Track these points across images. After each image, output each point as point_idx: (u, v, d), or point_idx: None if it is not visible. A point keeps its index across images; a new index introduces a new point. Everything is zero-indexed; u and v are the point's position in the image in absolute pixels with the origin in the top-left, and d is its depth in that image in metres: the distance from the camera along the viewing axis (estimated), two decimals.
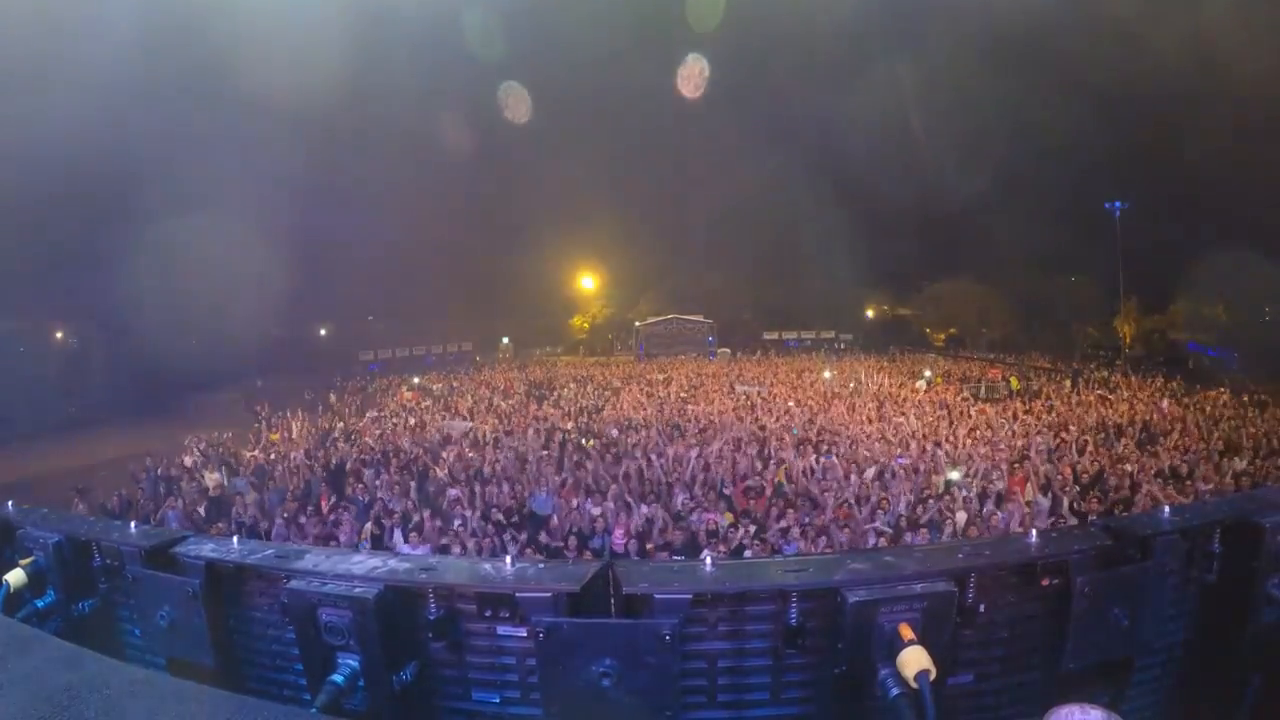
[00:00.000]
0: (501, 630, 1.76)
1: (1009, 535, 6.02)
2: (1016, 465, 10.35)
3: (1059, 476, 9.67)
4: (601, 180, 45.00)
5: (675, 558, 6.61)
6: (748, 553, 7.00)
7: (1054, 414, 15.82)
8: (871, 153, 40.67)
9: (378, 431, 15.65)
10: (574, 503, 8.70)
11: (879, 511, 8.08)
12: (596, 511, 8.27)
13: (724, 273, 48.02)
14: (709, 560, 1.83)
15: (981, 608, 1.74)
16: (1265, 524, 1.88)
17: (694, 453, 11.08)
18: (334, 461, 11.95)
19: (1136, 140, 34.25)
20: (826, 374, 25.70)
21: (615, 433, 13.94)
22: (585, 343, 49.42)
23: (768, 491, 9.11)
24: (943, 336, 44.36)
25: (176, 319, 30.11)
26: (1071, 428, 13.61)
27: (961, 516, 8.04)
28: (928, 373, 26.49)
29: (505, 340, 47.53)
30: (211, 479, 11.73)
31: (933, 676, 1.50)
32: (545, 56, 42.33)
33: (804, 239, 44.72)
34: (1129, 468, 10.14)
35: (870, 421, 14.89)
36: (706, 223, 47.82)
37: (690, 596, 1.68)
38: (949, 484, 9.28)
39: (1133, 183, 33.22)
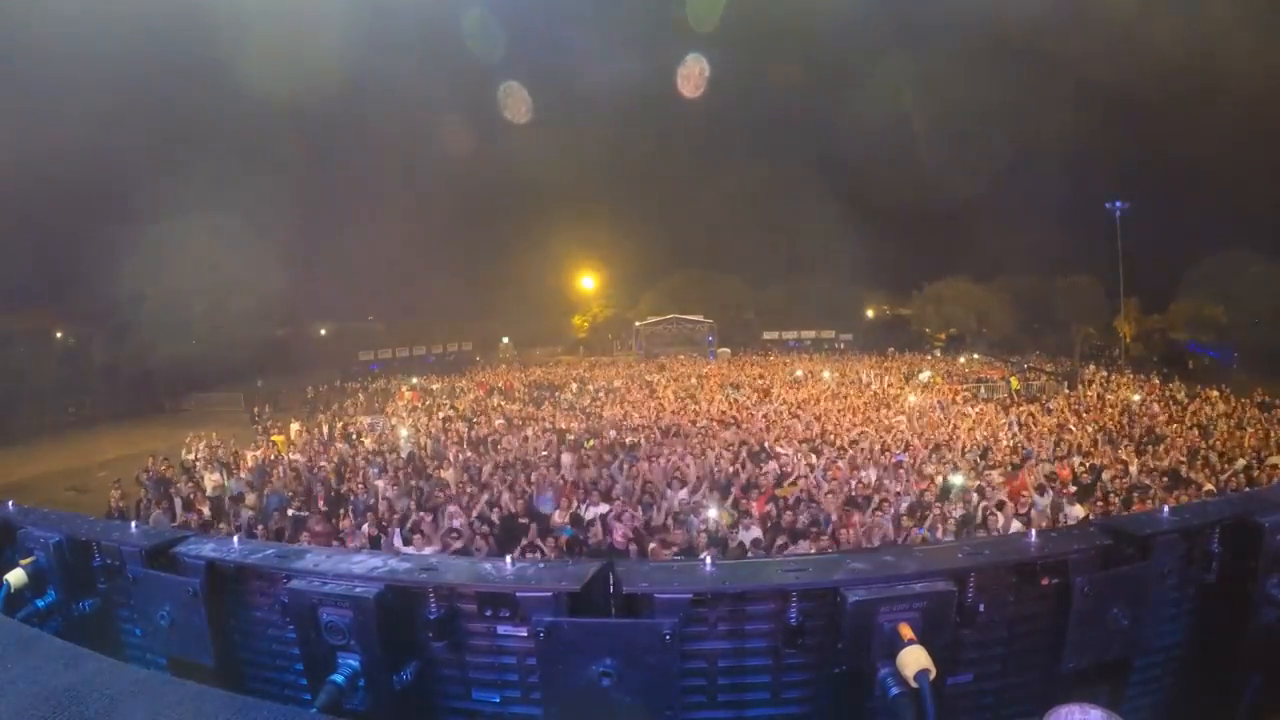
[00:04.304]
0: (502, 630, 1.76)
1: (1008, 535, 6.02)
2: (1016, 467, 10.35)
3: (1058, 478, 9.67)
4: (602, 180, 45.05)
5: (675, 557, 6.61)
6: (757, 552, 7.00)
7: (1053, 415, 15.82)
8: (872, 152, 40.69)
9: (377, 432, 15.65)
10: (574, 504, 8.71)
11: (879, 512, 8.08)
12: (596, 512, 8.28)
13: (724, 273, 48.04)
14: (709, 560, 1.84)
15: (981, 607, 1.73)
16: (1265, 524, 1.88)
17: (692, 453, 11.08)
18: (334, 462, 11.95)
19: (1136, 140, 34.26)
20: (826, 374, 25.72)
21: (614, 434, 13.94)
22: (585, 343, 49.41)
23: (767, 492, 9.11)
24: (943, 336, 44.34)
25: (177, 319, 30.13)
26: (1071, 428, 13.62)
27: (960, 516, 8.05)
28: (927, 372, 26.50)
29: (505, 340, 47.54)
30: (210, 480, 11.72)
31: (932, 676, 1.49)
32: (546, 56, 42.35)
33: (804, 238, 44.74)
34: (1131, 469, 10.15)
35: (869, 422, 14.89)
36: (707, 222, 47.83)
37: (690, 596, 1.68)
38: (949, 487, 9.27)
39: (1133, 183, 33.23)
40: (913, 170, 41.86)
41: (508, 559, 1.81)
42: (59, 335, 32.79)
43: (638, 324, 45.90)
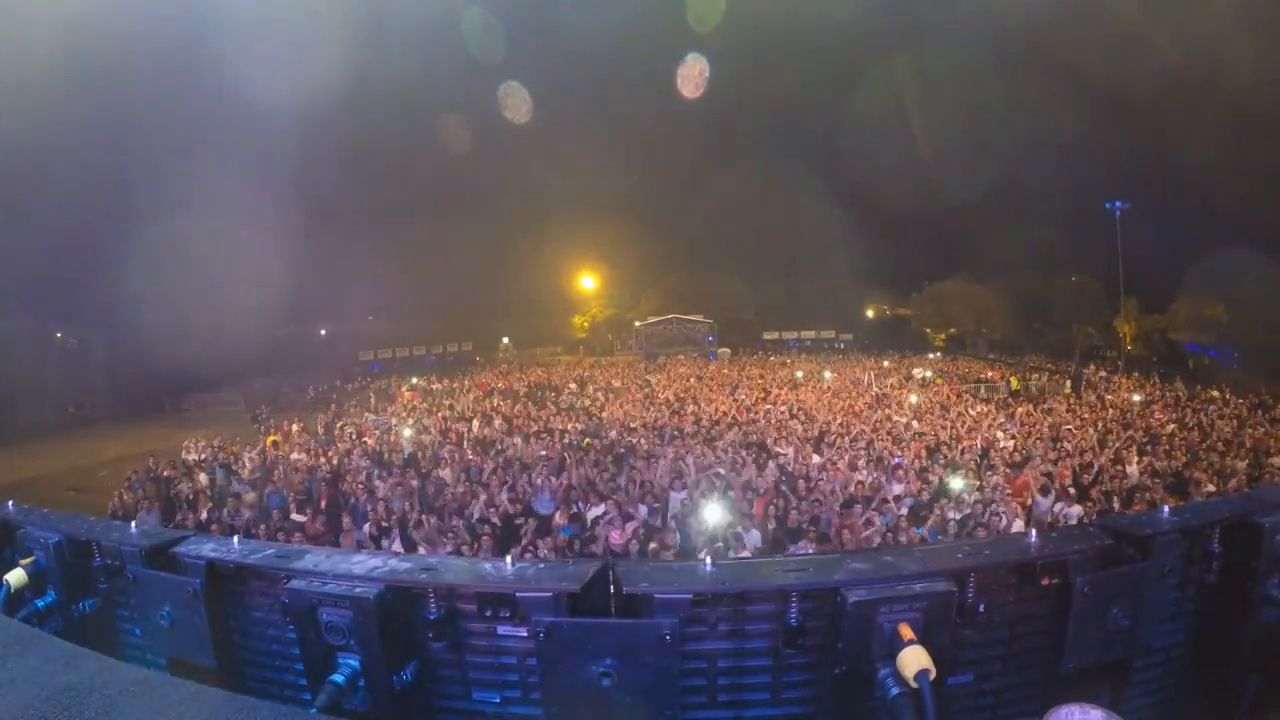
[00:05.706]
0: (502, 630, 1.76)
1: (1008, 535, 6.02)
2: (1017, 467, 10.34)
3: (1058, 478, 9.65)
4: (602, 180, 45.06)
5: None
6: (745, 553, 6.99)
7: (1054, 415, 15.80)
8: (872, 153, 40.69)
9: (377, 432, 15.63)
10: (573, 504, 8.70)
11: (879, 513, 8.06)
12: (596, 513, 8.27)
13: (724, 273, 48.08)
14: (709, 560, 1.83)
15: (981, 607, 1.73)
16: (1265, 524, 1.88)
17: (692, 455, 11.07)
18: (334, 462, 11.94)
19: (1136, 140, 34.24)
20: (827, 374, 25.72)
21: (614, 434, 13.93)
22: (585, 342, 49.43)
23: (766, 493, 9.09)
24: (943, 336, 44.35)
25: (177, 319, 30.11)
26: (1071, 429, 13.60)
27: (959, 517, 8.03)
28: (928, 372, 26.51)
29: (505, 340, 47.54)
30: (201, 481, 11.65)
31: (932, 676, 1.49)
32: (546, 56, 42.33)
33: (804, 239, 44.79)
34: (1131, 469, 10.13)
35: (869, 422, 14.87)
36: (707, 222, 47.88)
37: (690, 596, 1.68)
38: (949, 488, 9.25)
39: (1133, 183, 33.21)
40: (913, 170, 41.92)
41: (508, 559, 1.81)
42: (59, 335, 32.78)
43: (638, 324, 45.91)
